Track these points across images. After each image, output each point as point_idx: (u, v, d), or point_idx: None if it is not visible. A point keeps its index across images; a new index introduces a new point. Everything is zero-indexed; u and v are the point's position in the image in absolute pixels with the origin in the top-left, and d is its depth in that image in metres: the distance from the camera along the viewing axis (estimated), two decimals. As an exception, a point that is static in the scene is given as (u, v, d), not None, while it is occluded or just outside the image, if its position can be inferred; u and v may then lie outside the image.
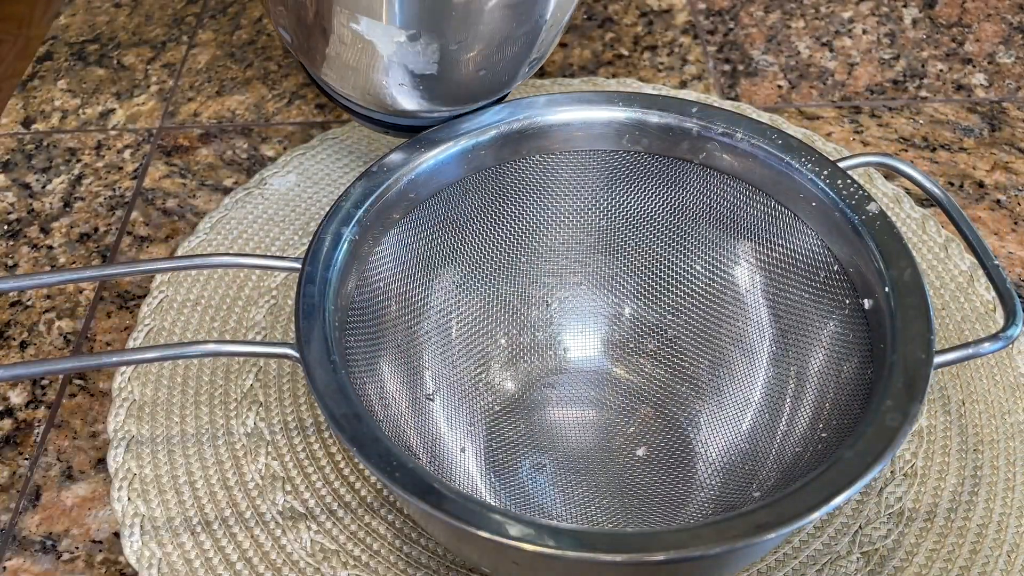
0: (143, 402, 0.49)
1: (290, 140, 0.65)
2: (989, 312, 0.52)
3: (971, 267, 0.54)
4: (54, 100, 0.69)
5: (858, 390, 0.42)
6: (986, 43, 0.70)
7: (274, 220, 0.58)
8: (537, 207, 0.53)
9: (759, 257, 0.50)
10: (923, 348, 0.39)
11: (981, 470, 0.46)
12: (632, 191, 0.53)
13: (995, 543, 0.44)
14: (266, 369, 0.51)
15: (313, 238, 0.44)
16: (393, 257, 0.48)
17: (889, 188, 0.59)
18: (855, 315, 0.44)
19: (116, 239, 0.59)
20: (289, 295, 0.54)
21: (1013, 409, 0.48)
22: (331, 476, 0.47)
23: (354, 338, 0.44)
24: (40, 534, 0.46)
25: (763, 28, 0.72)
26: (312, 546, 0.44)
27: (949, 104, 0.66)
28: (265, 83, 0.69)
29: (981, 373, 0.50)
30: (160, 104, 0.68)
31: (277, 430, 0.48)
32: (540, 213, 0.53)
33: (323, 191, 0.60)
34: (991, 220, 0.58)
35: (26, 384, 0.52)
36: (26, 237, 0.59)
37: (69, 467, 0.48)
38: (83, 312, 0.55)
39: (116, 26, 0.75)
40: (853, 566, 0.43)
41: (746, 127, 0.48)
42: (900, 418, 0.37)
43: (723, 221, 0.51)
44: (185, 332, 0.53)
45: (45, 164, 0.64)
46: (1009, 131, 0.63)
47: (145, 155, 0.64)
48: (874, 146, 0.62)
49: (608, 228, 0.53)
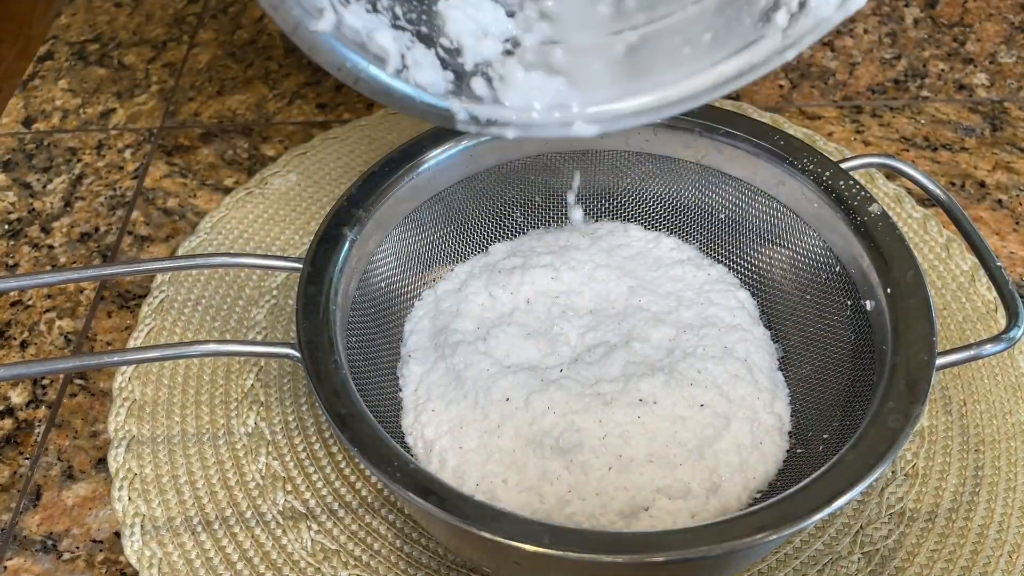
0: (144, 402, 0.49)
1: (291, 140, 0.64)
2: (991, 312, 0.52)
3: (972, 267, 0.54)
4: (55, 100, 0.69)
5: (860, 391, 0.42)
6: (987, 43, 0.70)
7: (275, 220, 0.58)
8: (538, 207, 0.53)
9: (761, 258, 0.50)
10: (925, 350, 0.39)
11: (982, 470, 0.46)
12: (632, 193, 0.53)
13: (996, 543, 0.44)
14: (267, 369, 0.51)
15: (314, 238, 0.44)
16: (394, 257, 0.48)
17: (890, 188, 0.59)
18: (857, 316, 0.44)
19: (117, 239, 0.59)
20: (290, 295, 0.54)
21: (1015, 409, 0.48)
22: (332, 476, 0.47)
23: (355, 338, 0.44)
24: (41, 534, 0.46)
25: (764, 28, 0.72)
26: (313, 546, 0.44)
27: (950, 104, 0.65)
28: (266, 83, 0.69)
29: (983, 373, 0.50)
30: (161, 104, 0.68)
31: (278, 430, 0.48)
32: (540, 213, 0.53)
33: (324, 191, 0.60)
34: (992, 220, 0.58)
35: (27, 384, 0.52)
36: (27, 237, 0.59)
37: (70, 467, 0.48)
38: (84, 312, 0.55)
39: (117, 26, 0.75)
40: (854, 566, 0.43)
41: (747, 127, 0.48)
42: (902, 419, 0.37)
43: (724, 222, 0.51)
44: (186, 332, 0.53)
45: (46, 164, 0.64)
46: (1011, 131, 0.63)
47: (146, 155, 0.64)
48: (875, 146, 0.62)
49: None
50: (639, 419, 0.42)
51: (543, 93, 0.38)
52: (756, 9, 0.37)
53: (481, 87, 0.38)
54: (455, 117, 0.38)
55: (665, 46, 0.39)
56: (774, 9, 0.37)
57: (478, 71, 0.38)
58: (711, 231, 0.51)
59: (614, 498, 0.41)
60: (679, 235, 0.52)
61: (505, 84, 0.38)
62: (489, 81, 0.38)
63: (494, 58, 0.38)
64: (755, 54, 0.37)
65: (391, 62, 0.36)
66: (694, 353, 0.45)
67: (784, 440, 0.44)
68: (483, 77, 0.38)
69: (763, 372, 0.46)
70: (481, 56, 0.38)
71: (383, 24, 0.36)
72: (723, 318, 0.47)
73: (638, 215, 0.53)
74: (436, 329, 0.48)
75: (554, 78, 0.38)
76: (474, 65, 0.38)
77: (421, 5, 0.37)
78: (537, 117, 0.39)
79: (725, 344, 0.46)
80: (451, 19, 0.38)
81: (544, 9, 0.38)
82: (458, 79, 0.38)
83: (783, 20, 0.37)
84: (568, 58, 0.38)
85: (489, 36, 0.38)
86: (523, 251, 0.51)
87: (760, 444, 0.43)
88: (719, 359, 0.45)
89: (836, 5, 0.36)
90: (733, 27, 0.38)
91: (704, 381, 0.44)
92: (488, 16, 0.38)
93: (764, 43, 0.37)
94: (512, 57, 0.39)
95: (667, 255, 0.51)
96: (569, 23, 0.39)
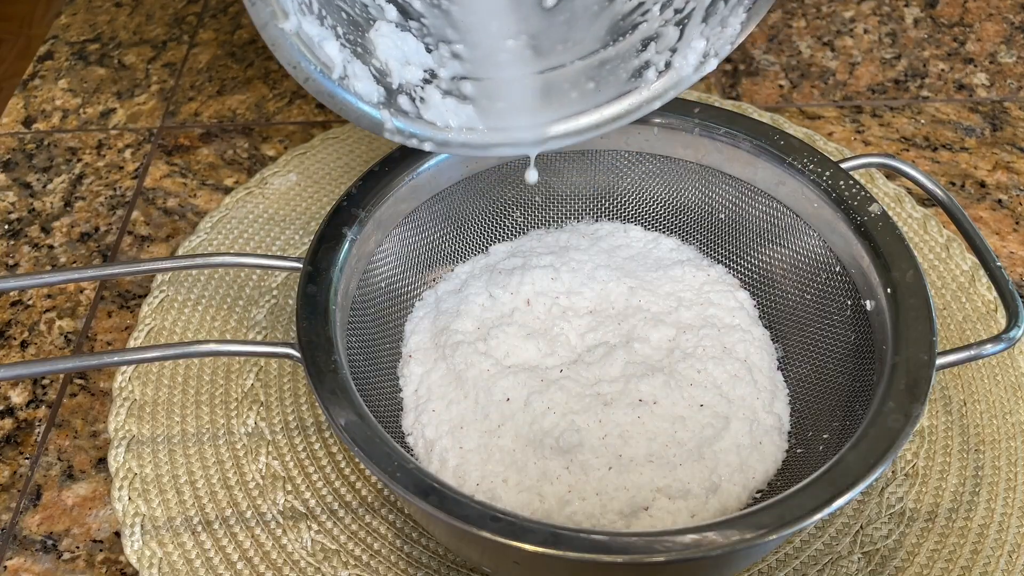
0: (144, 402, 0.49)
1: (291, 139, 0.65)
2: (991, 311, 0.52)
3: (972, 267, 0.54)
4: (55, 99, 0.69)
5: (860, 391, 0.42)
6: (987, 43, 0.70)
7: (275, 219, 0.58)
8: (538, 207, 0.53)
9: (761, 258, 0.50)
10: (925, 350, 0.39)
11: (982, 470, 0.46)
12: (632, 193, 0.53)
13: (996, 543, 0.44)
14: (267, 369, 0.51)
15: (314, 238, 0.44)
16: (395, 257, 0.48)
17: (890, 188, 0.59)
18: (857, 316, 0.44)
19: (117, 238, 0.59)
20: (290, 295, 0.54)
21: (1014, 409, 0.48)
22: (332, 476, 0.47)
23: (356, 338, 0.44)
24: (41, 534, 0.46)
25: (764, 27, 0.72)
26: (313, 546, 0.44)
27: (951, 104, 0.65)
28: (266, 82, 0.69)
29: (983, 373, 0.50)
30: (161, 103, 0.68)
31: (278, 430, 0.48)
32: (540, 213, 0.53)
33: (324, 190, 0.60)
34: (992, 220, 0.58)
35: (27, 384, 0.52)
36: (27, 236, 0.59)
37: (70, 467, 0.48)
38: (84, 311, 0.55)
39: (117, 25, 0.75)
40: (854, 566, 0.43)
41: (747, 127, 0.48)
42: (902, 420, 0.37)
43: (724, 222, 0.51)
44: (186, 332, 0.53)
45: (46, 163, 0.64)
46: (1011, 131, 0.63)
47: (146, 154, 0.64)
48: (875, 146, 0.62)
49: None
50: (639, 419, 0.43)
51: (457, 116, 0.45)
52: (630, 66, 0.46)
53: (406, 103, 0.44)
54: (383, 125, 0.44)
55: (556, 89, 0.47)
56: (645, 68, 0.46)
57: (403, 90, 0.44)
58: (711, 231, 0.51)
59: (614, 498, 0.41)
60: (679, 235, 0.52)
61: (425, 104, 0.45)
62: (412, 100, 0.45)
63: (416, 82, 0.45)
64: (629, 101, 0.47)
65: (335, 70, 0.42)
66: (694, 353, 0.45)
67: (783, 440, 0.44)
68: (407, 96, 0.44)
69: (763, 372, 0.46)
70: (404, 79, 0.44)
71: (332, 37, 0.41)
72: (723, 319, 0.47)
73: (638, 215, 0.53)
74: (437, 329, 0.48)
75: (466, 105, 0.45)
76: (399, 85, 0.44)
77: (357, 30, 0.43)
78: (451, 136, 0.45)
79: (725, 344, 0.46)
80: (380, 45, 0.44)
81: (455, 51, 0.45)
82: (388, 94, 0.44)
83: (652, 76, 0.46)
84: (476, 90, 0.46)
85: (412, 64, 0.45)
86: (523, 251, 0.51)
87: (760, 444, 0.43)
88: (719, 359, 0.45)
89: (694, 68, 0.45)
90: (611, 79, 0.46)
91: (704, 381, 0.44)
92: (411, 48, 0.45)
93: (636, 94, 0.46)
94: (431, 83, 0.45)
95: (667, 255, 0.51)
96: (477, 64, 0.46)
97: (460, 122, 0.45)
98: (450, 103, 0.45)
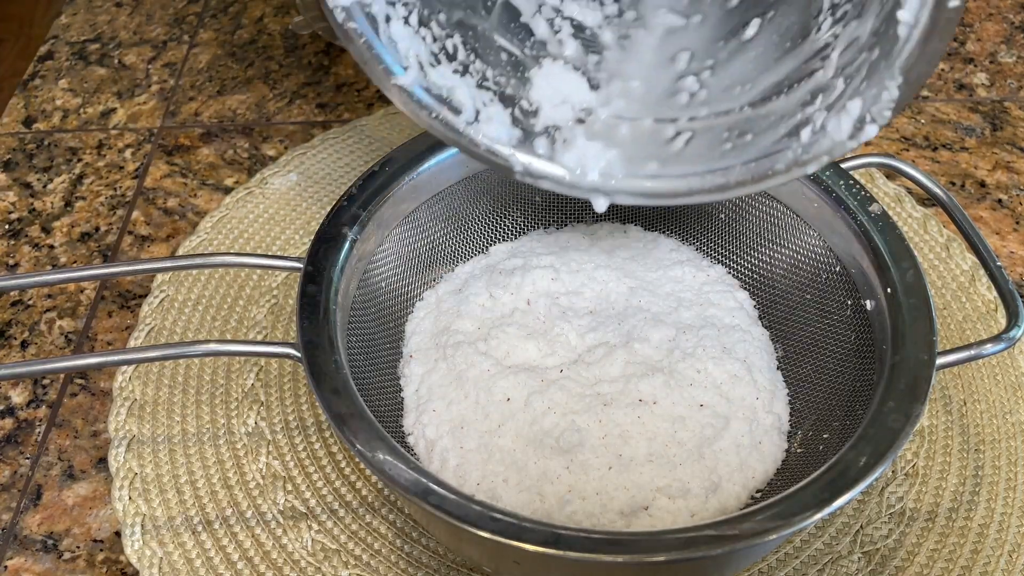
0: (144, 401, 0.49)
1: (291, 139, 0.65)
2: (991, 311, 0.52)
3: (972, 266, 0.54)
4: (55, 99, 0.69)
5: (860, 391, 0.42)
6: (987, 42, 0.70)
7: (275, 219, 0.58)
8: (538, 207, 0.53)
9: (761, 258, 0.50)
10: (925, 349, 0.39)
11: (982, 470, 0.46)
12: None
13: (996, 543, 0.44)
14: (267, 369, 0.51)
15: (314, 238, 0.44)
16: (395, 257, 0.48)
17: (891, 187, 0.59)
18: (857, 316, 0.44)
19: (117, 238, 0.59)
20: (290, 295, 0.54)
21: (1015, 409, 0.48)
22: (332, 475, 0.47)
23: (356, 338, 0.44)
24: (41, 533, 0.46)
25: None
26: (313, 545, 0.44)
27: (951, 103, 0.65)
28: (266, 82, 0.69)
29: (983, 373, 0.50)
30: (161, 103, 0.68)
31: (278, 429, 0.48)
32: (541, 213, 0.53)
33: (324, 190, 0.60)
34: (992, 220, 0.58)
35: (27, 383, 0.52)
36: (27, 236, 0.59)
37: (70, 466, 0.48)
38: (84, 311, 0.55)
39: (117, 25, 0.75)
40: (854, 566, 0.43)
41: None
42: (902, 419, 0.37)
43: (724, 222, 0.51)
44: (186, 331, 0.53)
45: (46, 163, 0.64)
46: (1011, 131, 0.63)
47: (146, 154, 0.64)
48: (875, 145, 0.62)
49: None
50: (639, 419, 0.43)
51: (596, 161, 0.41)
52: (792, 122, 0.39)
53: (543, 146, 0.42)
54: (512, 169, 0.42)
55: (710, 140, 0.41)
56: (803, 125, 0.39)
57: (546, 132, 0.42)
58: (711, 231, 0.51)
59: (614, 498, 0.41)
60: (678, 236, 0.52)
61: (566, 147, 0.41)
62: (552, 142, 0.42)
63: (564, 124, 0.42)
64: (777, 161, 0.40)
65: (465, 115, 0.40)
66: (693, 353, 0.45)
67: (783, 440, 0.44)
68: (548, 138, 0.42)
69: (762, 372, 0.46)
70: (552, 120, 0.42)
71: (466, 84, 0.40)
72: (722, 319, 0.47)
73: (638, 215, 0.53)
74: (437, 330, 0.48)
75: (610, 150, 0.41)
76: (544, 127, 0.42)
77: (515, 71, 0.41)
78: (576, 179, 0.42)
79: (724, 344, 0.46)
80: (537, 86, 0.42)
81: (628, 88, 0.42)
82: (524, 136, 0.41)
83: (807, 136, 0.39)
84: (630, 134, 0.41)
85: (567, 103, 0.42)
86: (523, 252, 0.51)
87: (759, 444, 0.43)
88: (718, 359, 0.45)
89: (848, 133, 0.38)
90: (767, 134, 0.40)
91: (703, 381, 0.44)
92: (572, 86, 0.42)
93: (786, 154, 0.40)
94: (581, 125, 0.42)
95: (667, 256, 0.51)
96: (643, 104, 0.42)
97: (600, 167, 0.41)
98: (594, 147, 0.41)
